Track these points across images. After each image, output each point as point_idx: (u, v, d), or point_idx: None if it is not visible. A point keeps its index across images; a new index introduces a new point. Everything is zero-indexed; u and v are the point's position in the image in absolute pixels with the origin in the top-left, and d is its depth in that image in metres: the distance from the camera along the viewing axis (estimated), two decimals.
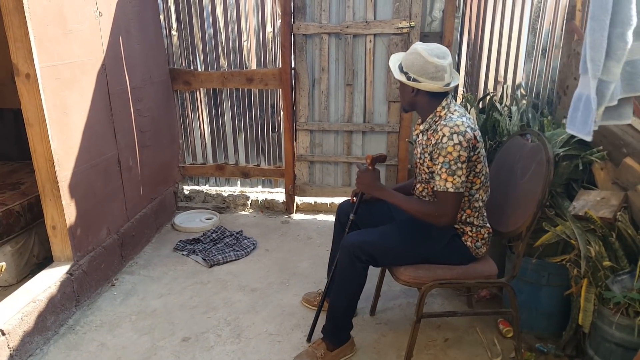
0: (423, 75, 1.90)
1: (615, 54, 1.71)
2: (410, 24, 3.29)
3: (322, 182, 3.79)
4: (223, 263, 3.06)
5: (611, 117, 1.85)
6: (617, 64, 1.71)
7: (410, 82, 1.93)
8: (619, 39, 1.69)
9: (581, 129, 1.91)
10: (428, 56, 1.88)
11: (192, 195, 4.01)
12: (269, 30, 3.55)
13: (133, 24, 3.06)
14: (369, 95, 3.51)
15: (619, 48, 1.70)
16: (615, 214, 1.94)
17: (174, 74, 3.69)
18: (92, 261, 2.62)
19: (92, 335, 2.38)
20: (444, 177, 1.87)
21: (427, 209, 1.97)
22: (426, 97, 1.96)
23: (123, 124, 2.95)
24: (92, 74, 2.62)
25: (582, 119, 1.89)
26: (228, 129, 3.85)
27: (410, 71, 1.92)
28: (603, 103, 1.80)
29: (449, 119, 1.90)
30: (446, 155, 1.85)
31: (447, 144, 1.85)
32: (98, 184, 2.69)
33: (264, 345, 2.30)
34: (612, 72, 1.74)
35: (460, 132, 1.84)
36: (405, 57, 1.96)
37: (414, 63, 1.91)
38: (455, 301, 2.66)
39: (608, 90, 1.77)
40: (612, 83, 1.75)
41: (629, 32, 1.68)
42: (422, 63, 1.89)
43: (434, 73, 1.89)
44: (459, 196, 1.90)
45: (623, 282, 1.88)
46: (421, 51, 1.89)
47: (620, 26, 1.68)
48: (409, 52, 1.95)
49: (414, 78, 1.91)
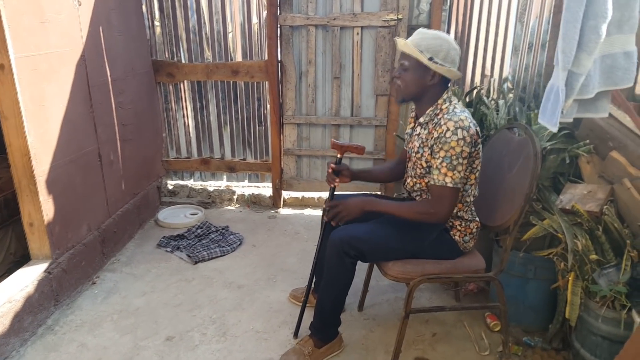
0: (449, 60, 1.87)
1: (587, 46, 1.70)
2: (398, 17, 3.25)
3: (309, 176, 3.75)
4: (208, 259, 3.01)
5: (588, 110, 1.85)
6: (588, 56, 1.71)
7: (437, 67, 1.86)
8: (592, 31, 1.68)
9: (550, 120, 1.92)
10: (453, 42, 1.88)
11: (176, 190, 3.94)
12: (254, 21, 3.49)
13: (114, 14, 2.98)
14: (356, 89, 3.47)
15: (591, 40, 1.69)
16: (602, 208, 1.93)
17: (157, 65, 3.61)
18: (71, 259, 2.55)
19: (72, 335, 2.31)
20: (444, 172, 1.84)
21: (422, 208, 1.93)
22: (439, 84, 1.93)
23: (104, 117, 2.87)
24: (71, 65, 2.54)
25: (551, 109, 1.90)
26: (213, 122, 3.79)
27: (437, 56, 1.86)
28: (572, 95, 1.80)
29: (452, 113, 1.86)
30: (449, 149, 1.82)
31: (450, 138, 1.81)
32: (78, 179, 2.62)
33: (251, 344, 2.27)
34: (582, 64, 1.73)
35: (465, 127, 1.81)
36: (426, 42, 1.87)
37: (442, 48, 1.86)
38: (443, 295, 2.65)
39: (577, 82, 1.77)
40: (581, 75, 1.75)
41: (603, 25, 1.68)
42: (450, 49, 1.87)
43: (457, 60, 1.90)
44: (456, 192, 1.87)
45: (609, 275, 1.87)
46: (447, 37, 1.89)
47: (593, 18, 1.67)
48: (430, 36, 1.88)
49: (441, 63, 1.87)
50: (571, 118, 1.92)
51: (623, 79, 1.80)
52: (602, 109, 1.88)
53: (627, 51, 1.77)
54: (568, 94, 1.81)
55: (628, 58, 1.78)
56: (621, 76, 1.79)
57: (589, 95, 1.81)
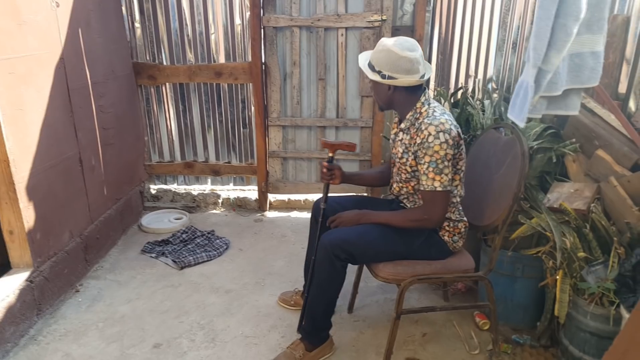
0: (398, 71, 1.85)
1: (557, 44, 1.73)
2: (382, 18, 3.25)
3: (295, 178, 3.73)
4: (194, 264, 2.96)
5: (558, 107, 1.89)
6: (558, 54, 1.74)
7: (386, 81, 1.87)
8: (561, 30, 1.71)
9: (518, 115, 1.96)
10: (400, 51, 1.84)
11: (159, 195, 3.87)
12: (237, 22, 3.46)
13: (93, 16, 2.91)
14: (341, 90, 3.46)
15: (560, 39, 1.72)
16: (589, 206, 1.96)
17: (137, 68, 3.55)
18: (54, 267, 2.48)
19: (56, 345, 2.25)
20: (432, 177, 1.84)
21: (416, 215, 1.94)
22: (403, 93, 1.92)
23: (84, 122, 2.81)
24: (49, 68, 2.48)
25: (520, 105, 1.93)
26: (196, 125, 3.74)
27: (384, 69, 1.87)
28: (539, 91, 1.84)
29: (432, 116, 1.86)
30: (433, 154, 1.82)
31: (433, 142, 1.81)
32: (59, 185, 2.55)
33: (240, 349, 2.23)
34: (551, 62, 1.77)
35: (446, 130, 1.81)
36: (375, 55, 1.90)
37: (386, 60, 1.86)
38: (432, 295, 2.65)
39: (544, 80, 1.80)
40: (549, 72, 1.78)
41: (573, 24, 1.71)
42: (395, 59, 1.84)
43: (409, 67, 1.85)
44: (447, 194, 1.88)
45: (597, 272, 1.90)
46: (391, 47, 1.85)
47: (563, 17, 1.70)
48: (378, 49, 1.89)
49: (389, 75, 1.86)
50: (540, 114, 1.96)
51: (590, 78, 1.85)
52: (573, 106, 1.92)
53: (595, 51, 1.82)
54: (536, 90, 1.84)
55: (595, 58, 1.83)
56: (588, 75, 1.84)
57: (557, 92, 1.85)
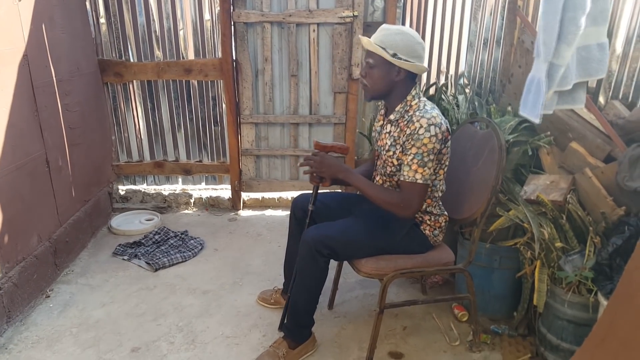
0: (414, 55, 1.86)
1: (567, 37, 1.75)
2: (354, 13, 3.25)
3: (269, 176, 3.69)
4: (169, 266, 2.89)
5: (566, 102, 1.90)
6: (568, 47, 1.75)
7: (401, 62, 1.85)
8: (571, 22, 1.72)
9: (532, 112, 1.96)
10: (416, 36, 1.86)
11: (128, 196, 3.76)
12: (206, 18, 3.39)
13: (57, 11, 2.79)
14: (314, 87, 3.45)
15: (570, 32, 1.74)
16: (566, 197, 2.01)
17: (103, 65, 3.43)
18: (22, 272, 2.37)
19: (29, 353, 2.15)
20: (414, 168, 1.85)
21: (392, 199, 1.93)
22: (406, 80, 1.92)
23: (50, 121, 2.69)
24: (12, 65, 2.36)
25: (533, 102, 1.94)
26: (166, 123, 3.65)
27: (401, 52, 1.85)
28: (552, 86, 1.85)
29: (424, 110, 1.87)
30: (421, 146, 1.83)
31: (423, 135, 1.82)
32: (25, 187, 2.44)
33: (221, 349, 2.19)
34: (562, 56, 1.78)
35: (437, 124, 1.82)
36: (390, 38, 1.86)
37: (404, 43, 1.85)
38: (410, 289, 2.68)
39: (557, 74, 1.82)
40: (561, 67, 1.80)
41: (582, 16, 1.72)
42: (413, 43, 1.85)
43: (422, 54, 1.88)
44: (426, 188, 1.89)
45: (574, 261, 1.95)
46: (409, 31, 1.87)
47: (572, 10, 1.71)
48: (393, 32, 1.87)
49: (405, 59, 1.86)
50: (552, 110, 1.95)
51: (598, 70, 1.86)
52: (579, 100, 1.94)
53: (600, 43, 1.83)
54: (549, 85, 1.84)
55: (601, 49, 1.84)
56: (596, 67, 1.85)
57: (568, 86, 1.85)
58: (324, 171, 2.00)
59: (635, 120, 2.03)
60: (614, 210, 1.89)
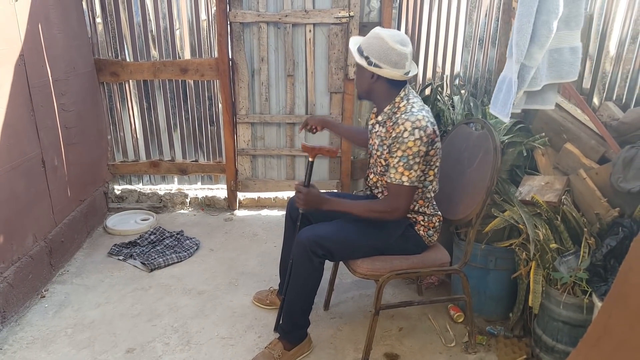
0: (385, 61, 1.85)
1: (539, 40, 1.78)
2: (349, 14, 3.25)
3: (265, 176, 3.69)
4: (165, 266, 2.88)
5: (535, 102, 1.94)
6: (540, 50, 1.79)
7: (371, 68, 1.86)
8: (543, 26, 1.76)
9: (501, 111, 2.00)
10: (392, 42, 1.83)
11: (124, 195, 3.75)
12: (203, 18, 3.38)
13: (53, 11, 2.78)
14: (310, 87, 3.45)
15: (543, 35, 1.77)
16: (560, 198, 2.02)
17: (99, 64, 3.42)
18: (18, 272, 2.36)
19: (24, 353, 2.15)
20: (401, 171, 1.85)
21: (378, 207, 1.95)
22: (385, 84, 1.92)
23: (46, 120, 2.68)
24: (8, 65, 2.35)
25: (503, 100, 1.97)
26: (162, 122, 3.64)
27: (372, 56, 1.85)
28: (523, 87, 1.89)
29: (409, 112, 1.86)
30: (406, 149, 1.83)
31: (408, 138, 1.82)
32: (21, 187, 2.43)
33: (217, 351, 2.19)
34: (534, 58, 1.82)
35: (422, 127, 1.82)
36: (367, 41, 1.89)
37: (377, 48, 1.85)
38: (406, 290, 2.68)
39: (528, 75, 1.85)
40: (532, 68, 1.83)
41: (554, 20, 1.75)
42: (386, 49, 1.84)
43: (396, 60, 1.85)
44: (412, 190, 1.89)
45: (569, 262, 1.96)
46: (385, 36, 1.84)
47: (545, 14, 1.75)
48: (371, 36, 1.88)
49: (375, 63, 1.86)
50: (520, 109, 2.00)
51: (569, 72, 1.91)
52: (549, 101, 1.98)
53: (573, 46, 1.88)
54: (519, 86, 1.88)
55: (574, 53, 1.89)
56: (567, 70, 1.90)
57: (537, 87, 1.89)
58: (307, 205, 2.01)
59: (629, 121, 2.04)
60: (608, 211, 1.90)
